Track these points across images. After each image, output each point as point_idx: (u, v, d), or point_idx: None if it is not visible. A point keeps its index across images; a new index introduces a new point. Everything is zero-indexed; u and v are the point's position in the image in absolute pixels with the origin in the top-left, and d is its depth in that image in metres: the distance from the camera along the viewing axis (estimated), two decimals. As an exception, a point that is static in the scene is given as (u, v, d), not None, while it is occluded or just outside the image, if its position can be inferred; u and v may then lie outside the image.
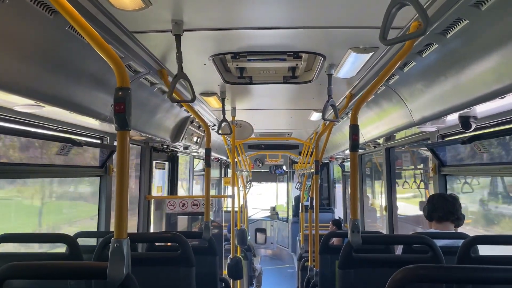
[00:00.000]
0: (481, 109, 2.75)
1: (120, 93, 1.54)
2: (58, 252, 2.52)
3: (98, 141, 3.70)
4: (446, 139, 3.68)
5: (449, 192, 3.80)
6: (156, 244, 3.21)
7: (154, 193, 5.57)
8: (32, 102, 2.24)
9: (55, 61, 2.18)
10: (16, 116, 2.53)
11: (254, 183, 11.32)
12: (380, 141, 5.19)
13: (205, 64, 3.05)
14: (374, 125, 4.48)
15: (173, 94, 2.55)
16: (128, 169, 1.59)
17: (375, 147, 5.62)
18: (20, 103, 2.35)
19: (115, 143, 3.74)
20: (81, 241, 2.79)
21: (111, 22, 2.15)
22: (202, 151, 6.52)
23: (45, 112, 2.65)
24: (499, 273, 1.27)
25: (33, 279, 1.50)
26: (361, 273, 2.37)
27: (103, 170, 3.77)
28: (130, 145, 4.79)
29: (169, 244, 3.65)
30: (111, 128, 3.47)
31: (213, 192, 11.32)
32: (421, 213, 3.84)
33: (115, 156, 3.82)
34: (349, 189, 9.20)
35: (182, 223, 6.83)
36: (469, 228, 4.58)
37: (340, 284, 2.41)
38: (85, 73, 2.51)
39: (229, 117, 4.95)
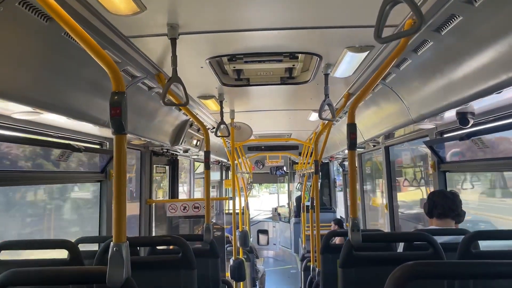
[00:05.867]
0: (478, 105, 2.75)
1: (116, 97, 1.55)
2: (59, 258, 2.51)
3: (98, 147, 3.70)
4: (445, 135, 3.68)
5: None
6: (158, 248, 3.21)
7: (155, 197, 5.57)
8: (29, 109, 2.25)
9: (51, 67, 2.19)
10: (14, 124, 2.54)
11: (254, 193, 11.30)
12: (379, 139, 5.19)
13: (202, 67, 3.05)
14: (373, 123, 4.48)
15: (169, 98, 2.56)
16: (126, 173, 1.59)
17: (374, 145, 5.62)
18: (17, 110, 2.35)
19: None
20: (83, 247, 2.80)
21: (107, 27, 2.16)
22: (202, 154, 6.53)
23: (44, 119, 2.66)
24: (497, 268, 1.28)
25: (34, 285, 1.50)
26: (362, 272, 2.37)
27: (103, 175, 3.77)
28: (131, 149, 4.76)
29: (171, 247, 3.66)
30: (110, 133, 3.47)
31: (214, 194, 11.32)
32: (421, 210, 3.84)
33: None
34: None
35: (184, 227, 6.83)
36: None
37: (341, 283, 2.41)
38: (82, 79, 2.52)
39: (228, 119, 4.95)
